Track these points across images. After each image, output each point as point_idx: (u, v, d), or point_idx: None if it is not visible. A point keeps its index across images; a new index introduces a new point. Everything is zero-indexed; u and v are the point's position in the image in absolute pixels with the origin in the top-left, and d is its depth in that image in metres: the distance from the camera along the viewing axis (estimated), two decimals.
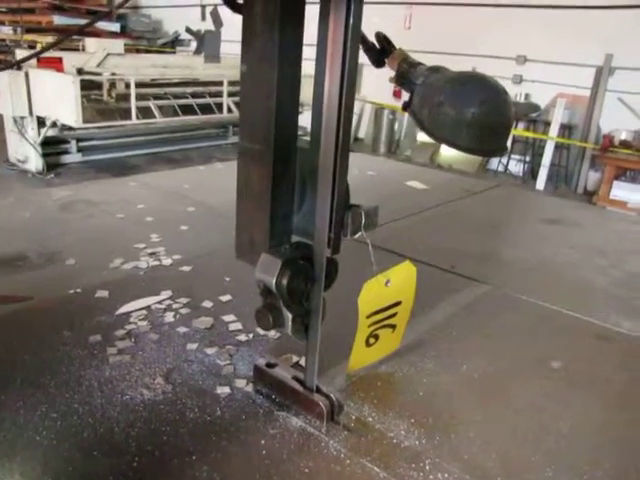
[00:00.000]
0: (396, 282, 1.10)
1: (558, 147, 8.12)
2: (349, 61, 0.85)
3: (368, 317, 1.09)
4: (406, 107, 1.41)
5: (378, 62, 1.50)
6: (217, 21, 7.49)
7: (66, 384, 1.16)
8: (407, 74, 1.41)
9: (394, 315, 1.16)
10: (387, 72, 1.49)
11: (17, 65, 5.04)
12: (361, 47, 1.29)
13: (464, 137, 1.28)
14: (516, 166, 8.64)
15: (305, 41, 0.96)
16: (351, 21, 0.85)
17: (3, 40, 11.32)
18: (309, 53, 0.98)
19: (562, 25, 7.75)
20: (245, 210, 1.04)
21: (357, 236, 1.00)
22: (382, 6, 8.15)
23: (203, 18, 10.90)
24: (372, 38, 1.48)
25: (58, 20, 10.32)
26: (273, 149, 0.96)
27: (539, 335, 1.50)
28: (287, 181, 1.00)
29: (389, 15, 8.08)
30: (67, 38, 6.14)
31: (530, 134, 8.31)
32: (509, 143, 1.39)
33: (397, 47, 1.50)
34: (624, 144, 6.89)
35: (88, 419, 1.06)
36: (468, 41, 8.58)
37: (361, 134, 10.23)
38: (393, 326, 1.19)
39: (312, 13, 0.96)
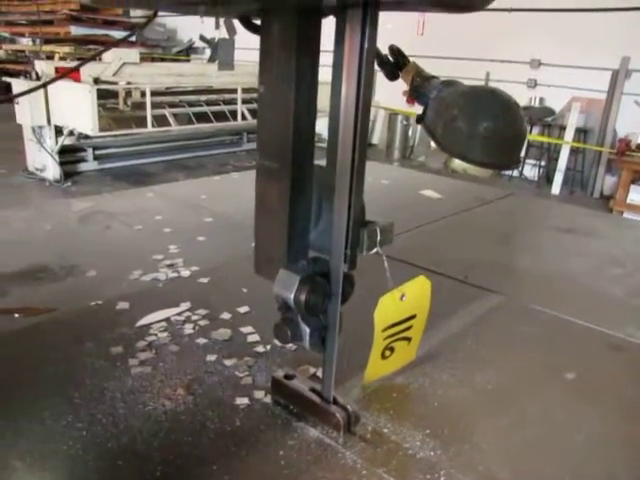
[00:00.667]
0: (411, 296, 1.12)
1: (573, 151, 8.08)
2: (363, 85, 0.88)
3: (384, 331, 1.12)
4: (420, 120, 1.44)
5: (392, 75, 1.53)
6: (231, 29, 7.56)
7: (90, 395, 1.19)
8: (420, 88, 1.44)
9: (409, 328, 1.18)
10: (401, 79, 1.51)
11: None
12: (375, 61, 1.31)
13: (478, 151, 1.31)
14: (531, 171, 8.61)
15: (323, 47, 0.99)
16: (366, 45, 0.88)
17: (22, 51, 11.53)
18: (325, 60, 0.99)
19: (576, 28, 7.72)
20: (263, 227, 1.07)
21: (373, 252, 1.03)
22: (395, 12, 8.17)
23: (217, 26, 11.01)
24: (386, 49, 1.51)
25: (75, 31, 10.49)
26: (290, 168, 0.99)
27: (553, 346, 1.51)
28: (304, 199, 1.03)
29: (402, 21, 8.10)
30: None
31: (545, 139, 8.27)
32: (523, 149, 1.40)
33: (411, 60, 1.53)
34: None
35: (112, 429, 1.10)
36: (482, 46, 8.58)
37: (375, 140, 10.25)
38: (408, 339, 1.21)
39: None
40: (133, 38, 11.02)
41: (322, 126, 1.06)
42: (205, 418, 1.14)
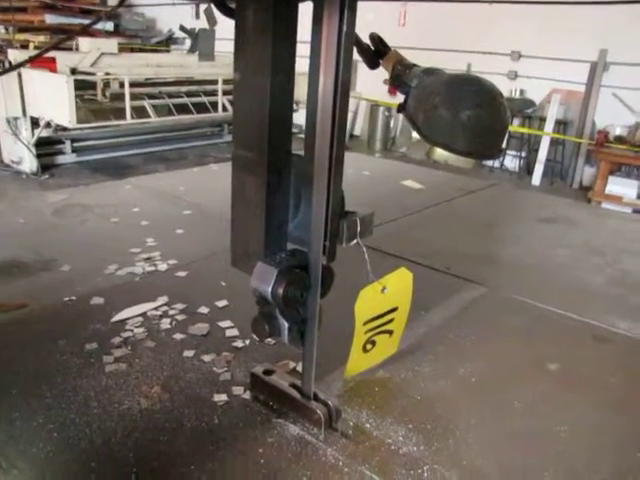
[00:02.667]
0: (392, 289, 1.10)
1: (553, 143, 8.13)
2: (342, 71, 0.85)
3: (365, 324, 1.09)
4: (401, 109, 1.41)
5: (372, 64, 1.49)
6: (211, 19, 7.47)
7: (62, 394, 1.15)
8: (402, 76, 1.41)
9: (391, 321, 1.16)
10: (382, 69, 1.48)
11: (13, 69, 5.01)
12: (355, 49, 1.28)
13: (459, 140, 1.28)
14: (512, 162, 8.65)
15: (300, 38, 0.95)
16: (344, 29, 0.85)
17: None
18: (304, 51, 0.96)
19: (556, 21, 7.75)
20: (240, 219, 1.04)
21: (353, 243, 1.00)
22: (377, 2, 8.13)
23: (197, 16, 10.87)
24: (366, 38, 1.47)
25: (50, 19, 10.27)
26: (267, 157, 0.95)
27: (536, 337, 1.50)
28: (282, 189, 0.99)
29: (384, 11, 8.07)
30: (69, 39, 6.09)
31: (525, 130, 8.31)
32: (504, 140, 1.38)
33: (392, 48, 1.50)
34: (619, 139, 6.90)
35: (85, 429, 1.06)
36: (463, 37, 8.57)
37: (357, 131, 10.22)
38: (390, 332, 1.19)
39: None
40: (111, 28, 10.85)
41: (303, 117, 1.02)
42: (182, 416, 1.11)
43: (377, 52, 1.48)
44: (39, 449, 1.00)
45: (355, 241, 1.00)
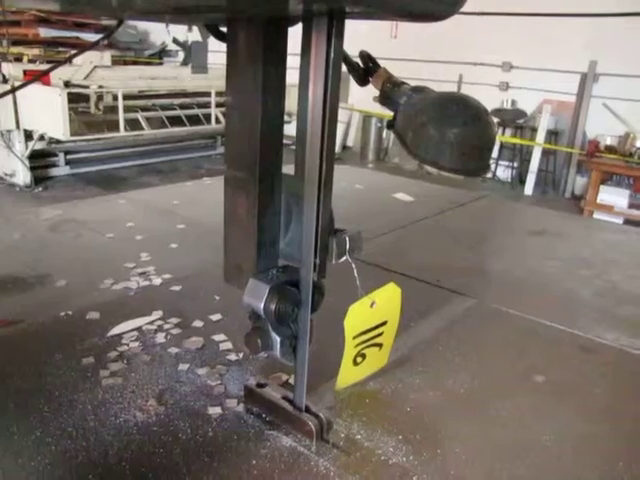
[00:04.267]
0: (381, 303, 1.13)
1: (545, 153, 8.22)
2: (330, 95, 0.88)
3: (354, 338, 1.12)
4: (391, 126, 1.44)
5: (362, 81, 1.53)
6: (204, 32, 7.51)
7: (60, 408, 1.17)
8: (390, 94, 1.44)
9: (380, 335, 1.19)
10: (371, 85, 1.52)
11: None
12: (345, 67, 1.32)
13: (447, 158, 1.32)
14: (504, 172, 8.72)
15: (292, 51, 0.99)
16: (332, 55, 0.88)
17: None
18: (295, 62, 0.99)
19: (546, 32, 7.86)
20: (232, 236, 1.07)
21: (342, 260, 1.03)
22: (367, 20, 8.20)
23: (190, 29, 10.93)
24: (358, 52, 1.51)
25: (44, 32, 10.32)
26: (258, 177, 0.98)
27: (524, 349, 1.53)
28: (273, 208, 1.03)
29: (376, 24, 8.14)
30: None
31: (517, 140, 8.39)
32: (496, 151, 1.42)
33: (381, 66, 1.54)
34: (609, 149, 6.97)
35: (82, 443, 1.08)
36: (455, 49, 8.67)
37: (349, 142, 10.29)
38: (380, 345, 1.22)
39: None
40: (104, 41, 10.89)
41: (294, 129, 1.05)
42: (177, 429, 1.13)
43: (366, 70, 1.51)
44: (37, 462, 1.02)
45: (344, 258, 1.03)
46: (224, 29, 1.06)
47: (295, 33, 0.99)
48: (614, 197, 6.90)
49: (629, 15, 6.74)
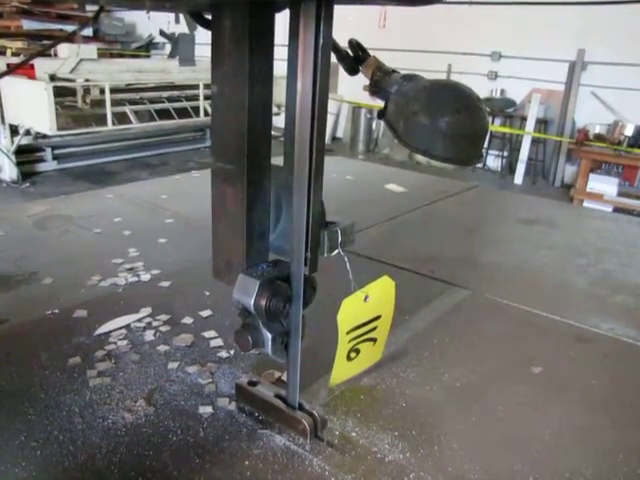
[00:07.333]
0: (375, 297, 1.10)
1: (534, 142, 8.22)
2: (320, 83, 0.85)
3: (348, 333, 1.09)
4: (382, 116, 1.41)
5: (352, 70, 1.49)
6: (191, 24, 7.45)
7: (46, 410, 1.14)
8: (381, 82, 1.41)
9: (374, 329, 1.16)
10: (361, 73, 1.49)
11: None
12: (334, 56, 1.28)
13: (439, 147, 1.29)
14: (494, 161, 8.73)
15: (279, 42, 0.95)
16: (321, 41, 0.85)
17: None
18: (284, 54, 0.96)
19: (535, 21, 7.84)
20: (221, 231, 1.04)
21: (334, 254, 1.00)
22: (352, 5, 8.17)
23: (177, 21, 10.83)
24: (346, 41, 1.48)
25: (28, 25, 10.17)
26: (246, 169, 0.95)
27: (520, 340, 1.51)
28: (262, 201, 0.99)
29: (364, 13, 8.10)
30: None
31: (507, 129, 8.39)
32: (486, 140, 1.39)
33: (371, 54, 1.50)
34: (598, 137, 6.98)
35: (69, 447, 1.05)
36: (443, 38, 8.65)
37: (339, 133, 10.26)
38: (374, 339, 1.19)
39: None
40: (90, 33, 10.77)
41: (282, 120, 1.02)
42: (167, 430, 1.10)
43: (356, 58, 1.48)
44: (22, 468, 0.99)
45: (336, 251, 1.00)
46: (209, 17, 1.02)
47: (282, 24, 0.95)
48: (603, 185, 6.92)
49: (617, 3, 6.73)
